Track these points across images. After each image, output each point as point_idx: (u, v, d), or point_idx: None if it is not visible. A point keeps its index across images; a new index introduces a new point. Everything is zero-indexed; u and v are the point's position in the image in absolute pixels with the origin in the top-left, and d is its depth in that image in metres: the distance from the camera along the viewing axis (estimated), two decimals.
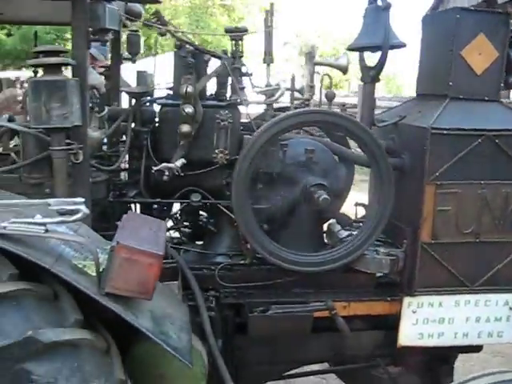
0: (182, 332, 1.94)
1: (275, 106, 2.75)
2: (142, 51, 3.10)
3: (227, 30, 2.71)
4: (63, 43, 24.15)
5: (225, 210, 2.67)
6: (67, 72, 2.17)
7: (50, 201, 1.79)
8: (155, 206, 2.72)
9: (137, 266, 1.78)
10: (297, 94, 2.98)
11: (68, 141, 2.09)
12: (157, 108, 2.75)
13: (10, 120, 2.56)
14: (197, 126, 2.53)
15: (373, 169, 2.61)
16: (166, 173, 2.49)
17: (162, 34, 2.57)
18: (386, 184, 2.52)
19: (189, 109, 2.45)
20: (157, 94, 2.92)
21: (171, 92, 2.74)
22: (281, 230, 2.67)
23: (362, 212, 2.99)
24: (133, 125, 2.61)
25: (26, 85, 3.40)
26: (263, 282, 2.59)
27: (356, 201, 2.99)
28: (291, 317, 2.48)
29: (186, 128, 2.48)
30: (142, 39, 3.24)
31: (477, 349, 2.94)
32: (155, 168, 2.49)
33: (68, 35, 24.86)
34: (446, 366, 3.00)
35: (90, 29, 2.16)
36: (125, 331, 1.85)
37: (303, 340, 2.68)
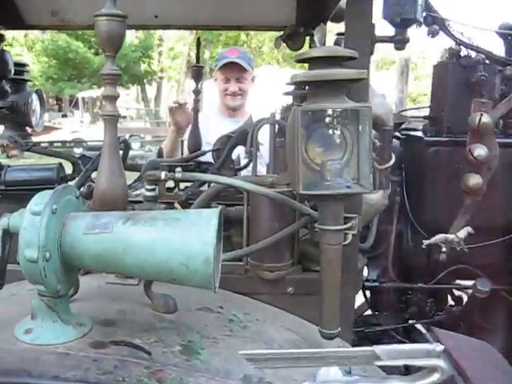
0: None
1: None
2: None
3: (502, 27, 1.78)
4: (147, 61, 24.35)
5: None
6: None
7: (381, 350, 0.90)
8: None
9: None
10: None
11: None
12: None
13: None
14: (489, 175, 1.60)
15: None
16: (444, 248, 1.58)
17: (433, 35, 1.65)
18: None
19: (481, 150, 1.53)
20: None
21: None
22: None
23: None
24: None
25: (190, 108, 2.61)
26: None
27: None
28: None
29: (475, 180, 1.56)
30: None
31: None
32: (427, 242, 1.59)
33: (155, 54, 25.16)
34: None
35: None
36: None
37: None
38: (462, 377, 1.14)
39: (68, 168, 2.46)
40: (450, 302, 1.99)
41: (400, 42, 1.45)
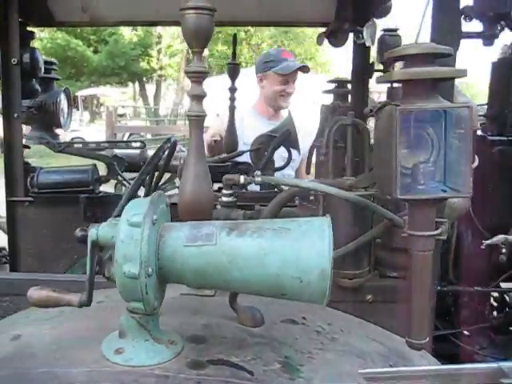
0: None
1: None
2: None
3: None
4: (147, 59, 24.19)
5: None
6: None
7: (506, 366, 0.84)
8: None
9: None
10: None
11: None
12: None
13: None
14: None
15: None
16: (504, 250, 1.52)
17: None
18: None
19: None
20: None
21: None
22: None
23: None
24: None
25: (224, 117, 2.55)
26: None
27: None
28: None
29: None
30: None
31: None
32: (486, 242, 1.53)
33: (153, 52, 25.02)
34: None
35: None
36: None
37: None
38: None
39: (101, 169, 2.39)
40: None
41: (489, 38, 1.38)
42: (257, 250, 0.84)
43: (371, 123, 1.63)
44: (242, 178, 1.16)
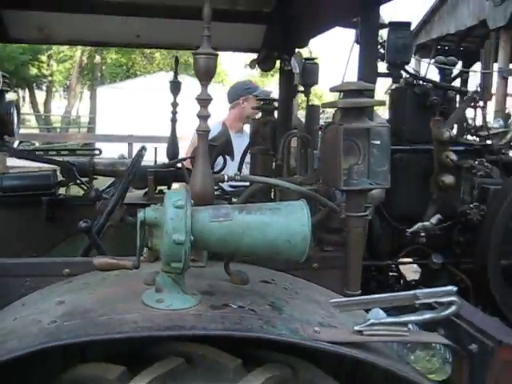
0: None
1: None
2: None
3: (439, 61, 2.32)
4: (38, 64, 23.21)
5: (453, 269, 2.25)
6: None
7: (419, 292, 1.32)
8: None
9: None
10: None
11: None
12: None
13: None
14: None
15: None
16: (422, 233, 2.05)
17: None
18: None
19: (453, 156, 2.04)
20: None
21: None
22: None
23: None
24: None
25: None
26: None
27: None
28: None
29: (450, 179, 2.06)
30: None
31: None
32: (410, 230, 2.06)
33: (43, 57, 24.03)
34: None
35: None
36: None
37: None
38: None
39: None
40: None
41: (396, 77, 1.90)
42: (260, 223, 1.24)
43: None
44: (226, 177, 1.55)
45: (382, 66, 1.93)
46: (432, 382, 1.40)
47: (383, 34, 1.90)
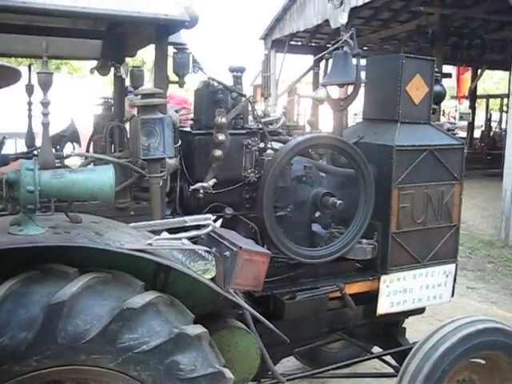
0: None
1: None
2: None
3: (231, 70, 3.26)
4: None
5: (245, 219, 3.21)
6: None
7: (187, 218, 2.21)
8: None
9: (254, 265, 2.29)
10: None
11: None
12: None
13: None
14: (225, 150, 3.03)
15: (358, 176, 3.32)
16: (201, 191, 2.96)
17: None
18: (368, 187, 3.28)
19: (222, 136, 2.96)
20: None
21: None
22: (291, 231, 3.27)
23: None
24: None
25: None
26: (282, 276, 3.17)
27: None
28: (315, 299, 3.11)
29: (218, 152, 2.98)
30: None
31: (421, 311, 3.86)
32: (191, 187, 2.95)
33: None
34: (400, 328, 3.88)
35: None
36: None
37: (312, 319, 3.31)
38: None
39: None
40: None
41: (182, 84, 2.80)
42: (82, 178, 2.05)
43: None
44: (64, 154, 2.32)
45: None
46: (206, 279, 2.28)
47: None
